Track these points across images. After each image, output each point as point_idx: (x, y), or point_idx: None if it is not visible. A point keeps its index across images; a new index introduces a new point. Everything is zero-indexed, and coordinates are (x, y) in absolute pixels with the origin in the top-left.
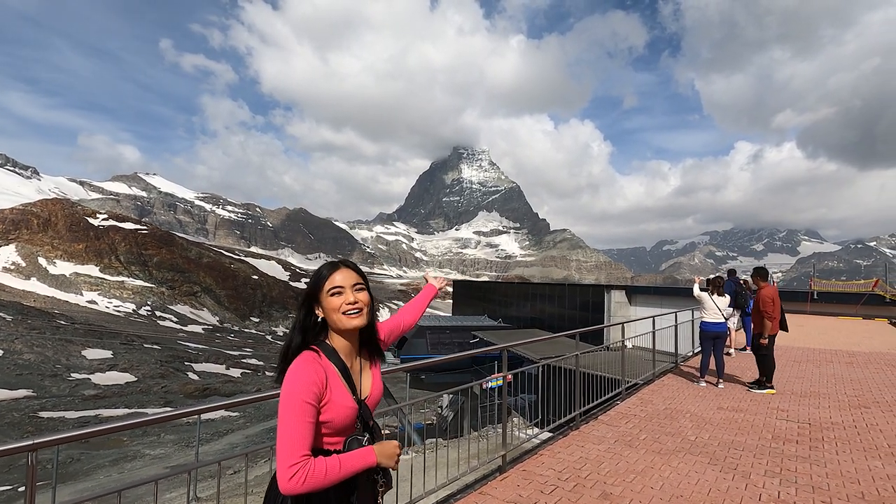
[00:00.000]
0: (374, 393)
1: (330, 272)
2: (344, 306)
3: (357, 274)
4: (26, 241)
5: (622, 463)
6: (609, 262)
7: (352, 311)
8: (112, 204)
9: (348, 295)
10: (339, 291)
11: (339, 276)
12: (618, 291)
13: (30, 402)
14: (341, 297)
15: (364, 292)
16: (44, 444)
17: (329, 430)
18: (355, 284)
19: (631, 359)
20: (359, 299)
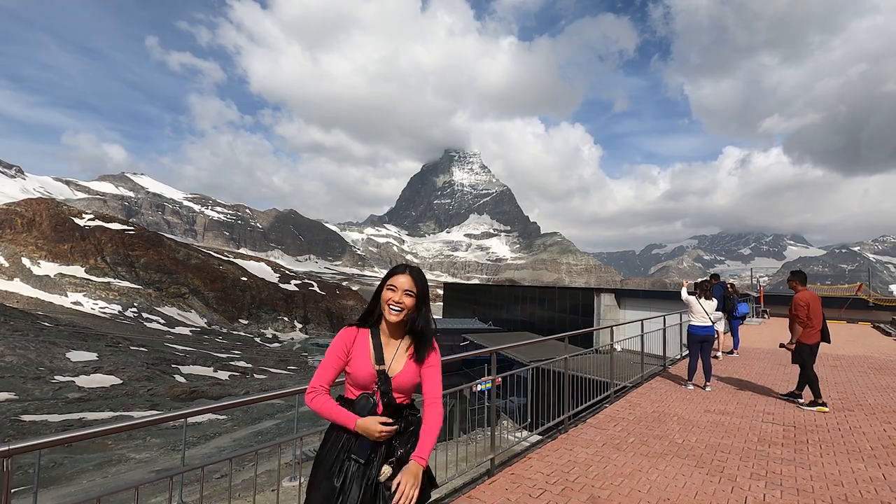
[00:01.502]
0: (401, 376)
1: (395, 273)
2: (390, 300)
3: (414, 282)
4: (9, 241)
5: (610, 466)
6: (599, 266)
7: (393, 307)
8: (99, 204)
9: (397, 294)
10: (392, 288)
11: (401, 278)
12: (607, 295)
13: (11, 406)
14: (392, 293)
15: (411, 298)
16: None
17: (351, 382)
18: (407, 290)
19: (620, 362)
20: (403, 301)
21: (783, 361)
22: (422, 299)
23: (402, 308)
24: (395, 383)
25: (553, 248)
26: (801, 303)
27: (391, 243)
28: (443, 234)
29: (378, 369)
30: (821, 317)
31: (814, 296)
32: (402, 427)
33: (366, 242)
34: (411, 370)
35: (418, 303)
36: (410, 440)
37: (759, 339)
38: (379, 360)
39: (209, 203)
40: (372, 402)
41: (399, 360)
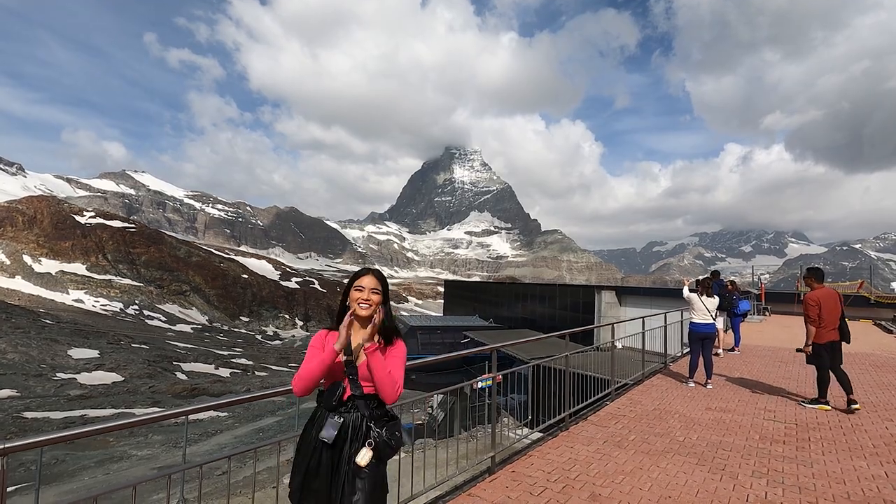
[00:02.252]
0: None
1: (361, 274)
2: (359, 298)
3: (378, 281)
4: (11, 238)
5: (611, 464)
6: (600, 263)
7: (362, 303)
8: (99, 201)
9: (364, 293)
10: (359, 288)
11: (366, 279)
12: (608, 292)
13: (13, 403)
14: (360, 293)
15: (378, 296)
16: (14, 448)
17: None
18: (373, 289)
19: (620, 359)
20: (371, 298)
21: (785, 359)
22: (385, 297)
23: (371, 304)
24: (362, 371)
25: (554, 245)
26: (811, 301)
27: (392, 241)
28: (443, 231)
29: (346, 359)
30: (835, 315)
31: (828, 293)
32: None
33: (366, 240)
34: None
35: (383, 299)
36: (387, 426)
37: (761, 336)
38: (347, 353)
39: (210, 201)
40: (340, 388)
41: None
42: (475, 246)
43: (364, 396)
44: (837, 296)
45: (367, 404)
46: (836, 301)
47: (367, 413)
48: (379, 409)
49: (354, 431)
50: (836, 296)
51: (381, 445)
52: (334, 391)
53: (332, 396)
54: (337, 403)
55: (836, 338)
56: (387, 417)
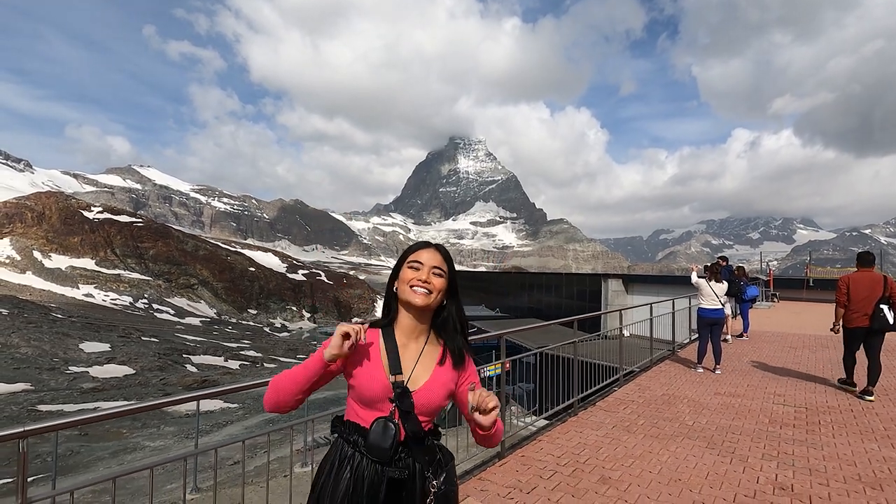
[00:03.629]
0: (427, 390)
1: (418, 247)
2: (414, 280)
3: (443, 258)
4: (20, 234)
5: (620, 448)
6: (606, 252)
7: (419, 287)
8: (107, 197)
9: (423, 272)
10: (416, 266)
11: (426, 254)
12: (615, 280)
13: (28, 396)
14: (416, 272)
15: (441, 279)
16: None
17: (357, 398)
18: (435, 268)
19: (628, 346)
20: (431, 281)
21: (794, 344)
22: (452, 283)
23: (431, 289)
24: (419, 400)
25: (559, 234)
26: (840, 284)
27: (397, 232)
28: (448, 222)
29: (394, 380)
30: (867, 300)
31: (862, 276)
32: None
33: (372, 231)
34: (440, 382)
35: (450, 287)
36: (443, 472)
37: (769, 322)
38: (395, 369)
39: (216, 194)
40: (392, 430)
41: (423, 367)
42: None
43: (423, 438)
44: (877, 281)
45: (426, 447)
46: (870, 286)
47: (426, 458)
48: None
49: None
50: (873, 281)
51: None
52: (385, 434)
53: (384, 440)
54: (393, 452)
55: (866, 324)
56: (441, 455)
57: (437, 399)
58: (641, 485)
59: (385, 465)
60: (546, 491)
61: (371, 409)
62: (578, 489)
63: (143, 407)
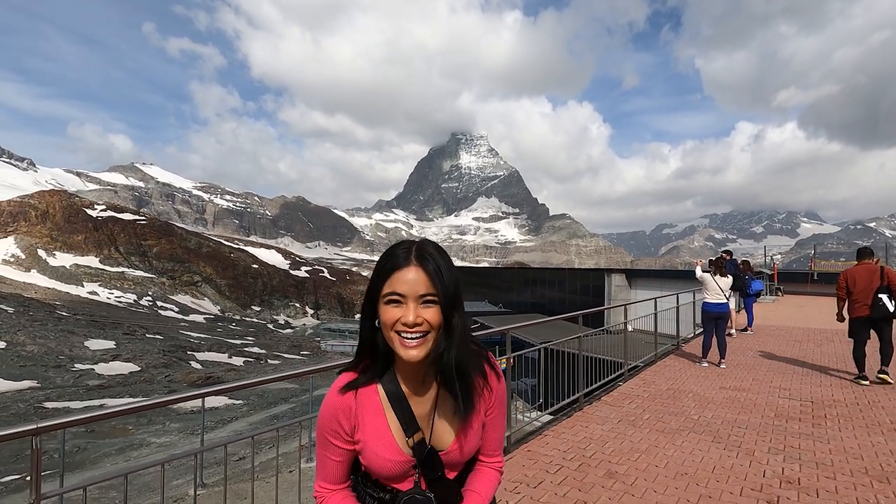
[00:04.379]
0: (458, 449)
1: (392, 268)
2: (399, 325)
3: (430, 277)
4: (25, 233)
5: (626, 442)
6: (609, 247)
7: (408, 336)
8: (110, 195)
9: (409, 310)
10: (397, 300)
11: (406, 278)
12: (618, 275)
13: (34, 393)
14: (399, 309)
15: (432, 309)
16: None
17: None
18: (424, 296)
19: (632, 341)
20: (424, 318)
21: (799, 338)
22: (451, 301)
23: (426, 329)
24: (452, 460)
25: (562, 229)
26: (840, 279)
27: (400, 228)
28: (451, 217)
29: (413, 443)
30: (867, 291)
31: (860, 269)
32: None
33: (374, 228)
34: (473, 429)
35: (447, 311)
36: None
37: (774, 316)
38: (410, 429)
39: (218, 192)
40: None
41: (444, 418)
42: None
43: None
44: (874, 272)
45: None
46: (869, 277)
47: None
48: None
49: None
50: (870, 272)
51: None
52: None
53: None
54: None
55: (867, 313)
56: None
57: (468, 451)
58: (648, 479)
59: None
60: (552, 485)
61: (395, 483)
62: (585, 483)
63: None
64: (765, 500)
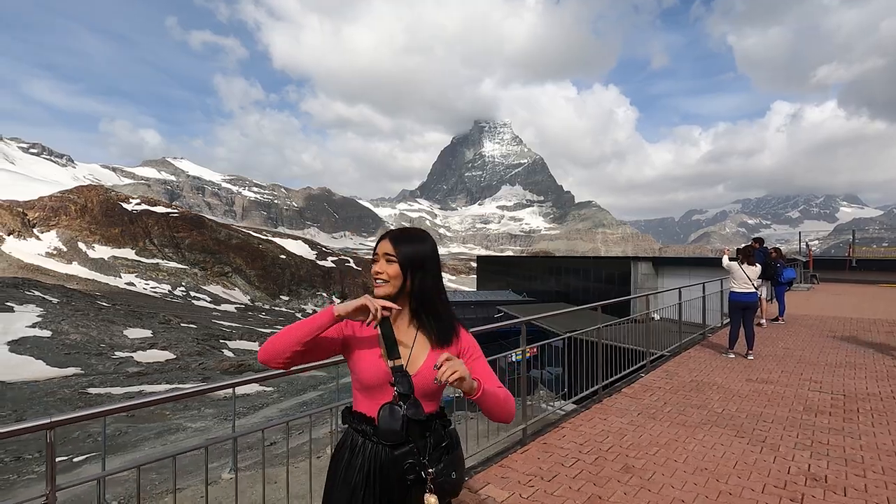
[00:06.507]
0: (426, 372)
1: (379, 240)
2: (373, 273)
3: (394, 244)
4: (66, 226)
5: (645, 435)
6: (636, 234)
7: (376, 279)
8: (143, 189)
9: (377, 264)
10: (374, 259)
11: (381, 244)
12: (645, 263)
13: (79, 380)
14: (375, 264)
15: (394, 265)
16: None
17: (358, 386)
18: (386, 254)
19: (656, 331)
20: (384, 270)
21: (833, 328)
22: (411, 264)
23: (387, 278)
24: (419, 382)
25: (588, 217)
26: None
27: (423, 217)
28: (474, 206)
29: (392, 365)
30: None
31: None
32: (432, 442)
33: (398, 217)
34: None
35: (408, 269)
36: (443, 459)
37: (808, 305)
38: (392, 354)
39: (246, 184)
40: (399, 412)
41: (420, 352)
42: (507, 220)
43: (429, 423)
44: None
45: (424, 429)
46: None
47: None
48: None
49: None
50: None
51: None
52: (393, 417)
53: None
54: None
55: None
56: (445, 442)
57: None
58: (666, 473)
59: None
60: (567, 479)
61: (374, 396)
62: (600, 477)
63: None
64: (788, 497)
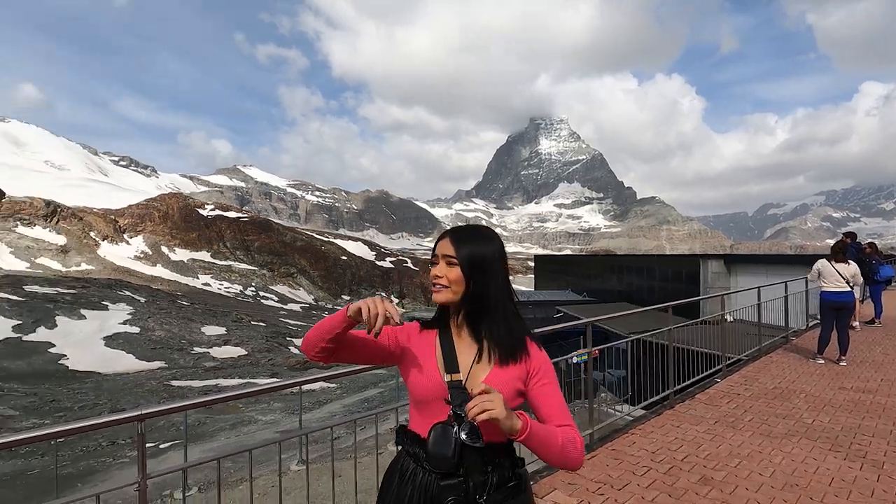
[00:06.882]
0: None
1: (438, 240)
2: (432, 277)
3: (455, 244)
4: (151, 232)
5: (724, 445)
6: (704, 231)
7: (435, 284)
8: (217, 195)
9: (437, 267)
10: (434, 261)
11: (440, 245)
12: (715, 261)
13: (163, 373)
14: (434, 268)
15: (455, 269)
16: (149, 415)
17: (412, 400)
18: (447, 256)
19: (732, 333)
20: (444, 273)
21: None
22: (475, 267)
23: (446, 283)
24: None
25: (651, 213)
26: None
27: (480, 217)
28: (531, 205)
29: (449, 380)
30: None
31: None
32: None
33: (454, 218)
34: (501, 380)
35: (471, 273)
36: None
37: None
38: (450, 367)
39: (309, 188)
40: (452, 435)
41: (482, 367)
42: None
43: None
44: None
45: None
46: None
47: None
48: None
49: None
50: None
51: None
52: (445, 440)
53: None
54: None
55: None
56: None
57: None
58: (750, 488)
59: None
60: (640, 489)
61: (428, 413)
62: (676, 489)
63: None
64: None
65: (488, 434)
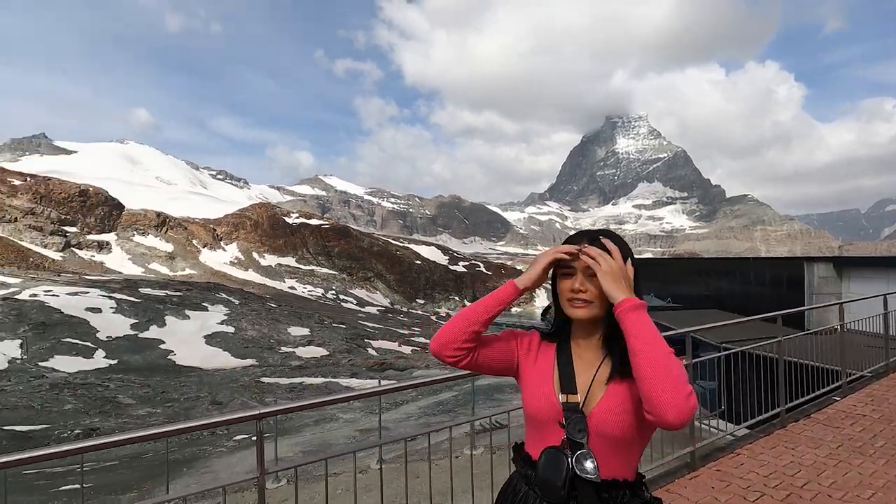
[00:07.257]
0: (601, 412)
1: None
2: (569, 292)
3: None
4: (243, 239)
5: (852, 474)
6: (807, 231)
7: (576, 300)
8: (301, 204)
9: (577, 280)
10: (567, 273)
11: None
12: (823, 265)
13: (255, 370)
14: (570, 280)
15: (596, 281)
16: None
17: (526, 417)
18: (589, 269)
19: (851, 346)
20: (586, 287)
21: None
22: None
23: (590, 298)
24: (595, 425)
25: (743, 213)
26: None
27: (553, 220)
28: (608, 207)
29: (565, 401)
30: None
31: None
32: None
33: (527, 221)
34: (619, 400)
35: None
36: None
37: None
38: (567, 387)
39: (384, 195)
40: (564, 462)
41: (598, 386)
42: (645, 220)
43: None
44: None
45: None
46: None
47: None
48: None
49: None
50: None
51: None
52: (556, 467)
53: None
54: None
55: None
56: None
57: (618, 423)
58: None
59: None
60: None
61: (540, 435)
62: None
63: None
64: None
65: (608, 469)
